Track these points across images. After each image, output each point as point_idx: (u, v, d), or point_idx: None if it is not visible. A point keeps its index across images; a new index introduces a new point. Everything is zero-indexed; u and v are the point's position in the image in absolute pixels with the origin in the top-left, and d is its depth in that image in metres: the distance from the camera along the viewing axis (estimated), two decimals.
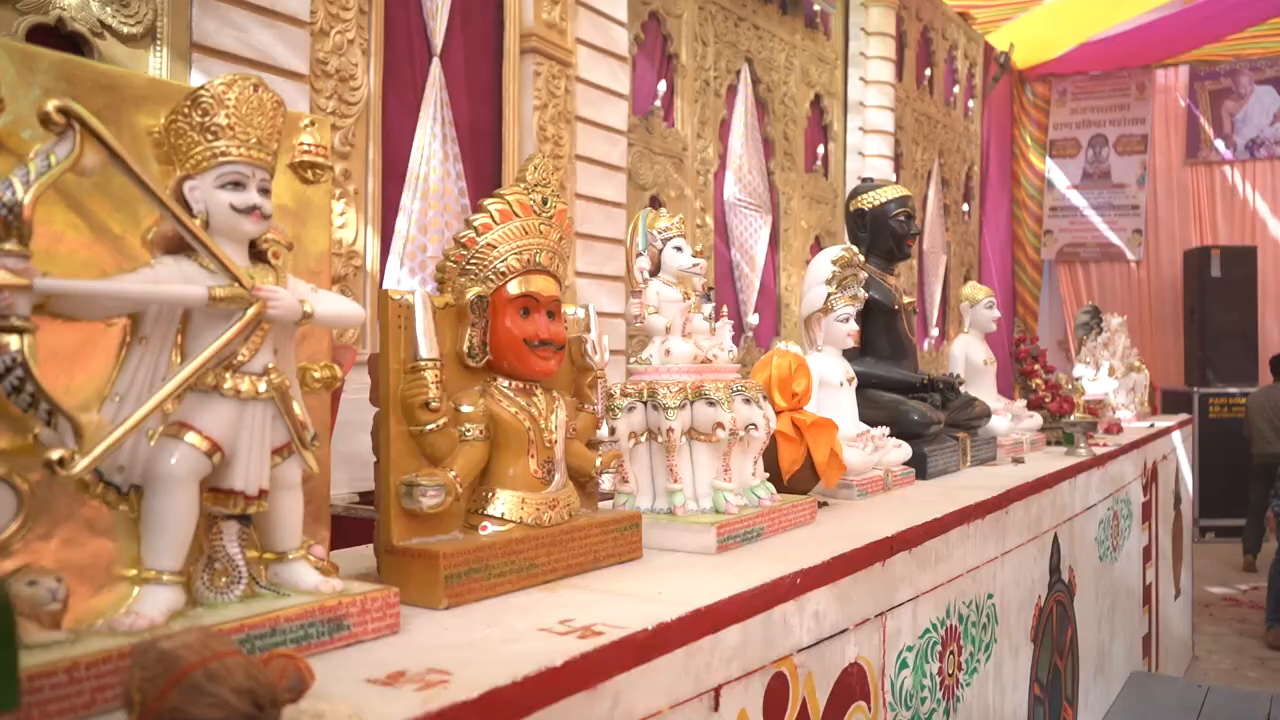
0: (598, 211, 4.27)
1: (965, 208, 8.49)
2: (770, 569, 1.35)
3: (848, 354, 2.58)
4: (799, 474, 1.86)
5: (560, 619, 1.07)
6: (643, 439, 1.57)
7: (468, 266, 1.24)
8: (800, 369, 1.89)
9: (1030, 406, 3.47)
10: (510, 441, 1.25)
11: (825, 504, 1.95)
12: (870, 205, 2.72)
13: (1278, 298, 9.05)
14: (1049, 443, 3.36)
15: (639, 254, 1.64)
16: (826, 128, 6.30)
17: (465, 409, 1.22)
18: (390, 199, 3.46)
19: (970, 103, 8.48)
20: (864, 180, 2.82)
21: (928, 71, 7.57)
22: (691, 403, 1.55)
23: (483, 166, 3.85)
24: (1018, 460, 2.83)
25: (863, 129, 6.44)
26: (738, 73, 5.41)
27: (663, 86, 4.78)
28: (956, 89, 8.12)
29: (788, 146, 5.80)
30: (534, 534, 1.23)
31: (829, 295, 2.16)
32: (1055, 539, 2.61)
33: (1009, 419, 3.02)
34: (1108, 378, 4.38)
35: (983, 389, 3.15)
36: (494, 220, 1.24)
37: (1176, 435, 4.67)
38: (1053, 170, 9.87)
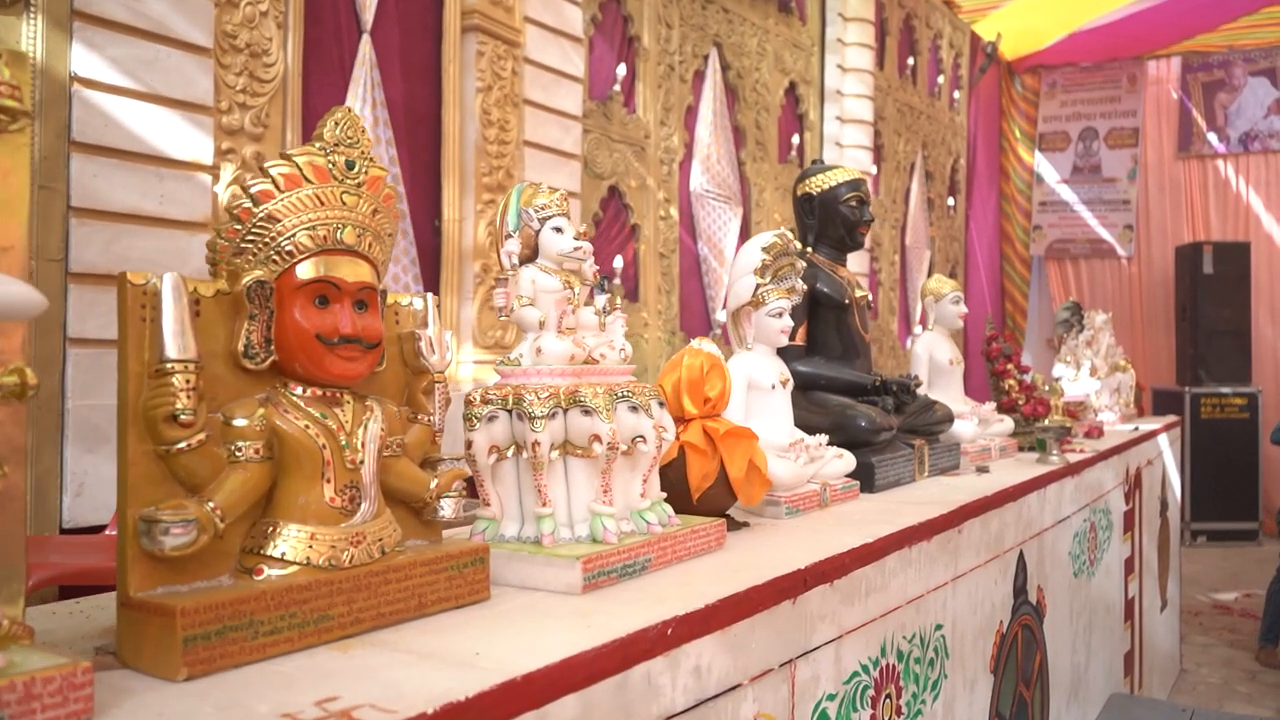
0: None
1: (951, 202, 8.25)
2: (643, 613, 1.10)
3: (791, 352, 2.34)
4: (712, 491, 1.61)
5: (321, 697, 0.83)
6: (509, 454, 1.33)
7: (244, 244, 1.00)
8: (714, 370, 1.64)
9: (1002, 409, 3.23)
10: (300, 463, 1.00)
11: (745, 525, 1.71)
12: (819, 189, 2.47)
13: (1271, 294, 8.82)
14: (1021, 448, 3.12)
15: (509, 235, 1.39)
16: (802, 117, 6.06)
17: (238, 423, 0.97)
18: None
19: (956, 94, 8.24)
20: (814, 163, 2.58)
21: (910, 61, 7.33)
22: (565, 411, 1.31)
23: (420, 152, 3.61)
24: (982, 469, 2.59)
25: (840, 118, 6.19)
26: (705, 58, 5.16)
27: (622, 70, 4.53)
28: (941, 79, 7.88)
29: (760, 136, 5.56)
30: (327, 578, 0.98)
31: (758, 287, 1.91)
32: (1021, 557, 2.37)
33: (975, 423, 2.78)
34: (1089, 378, 4.13)
35: (948, 391, 2.91)
36: (277, 187, 1.00)
37: (1163, 438, 4.43)
38: (1042, 164, 9.63)
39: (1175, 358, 8.80)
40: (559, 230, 1.42)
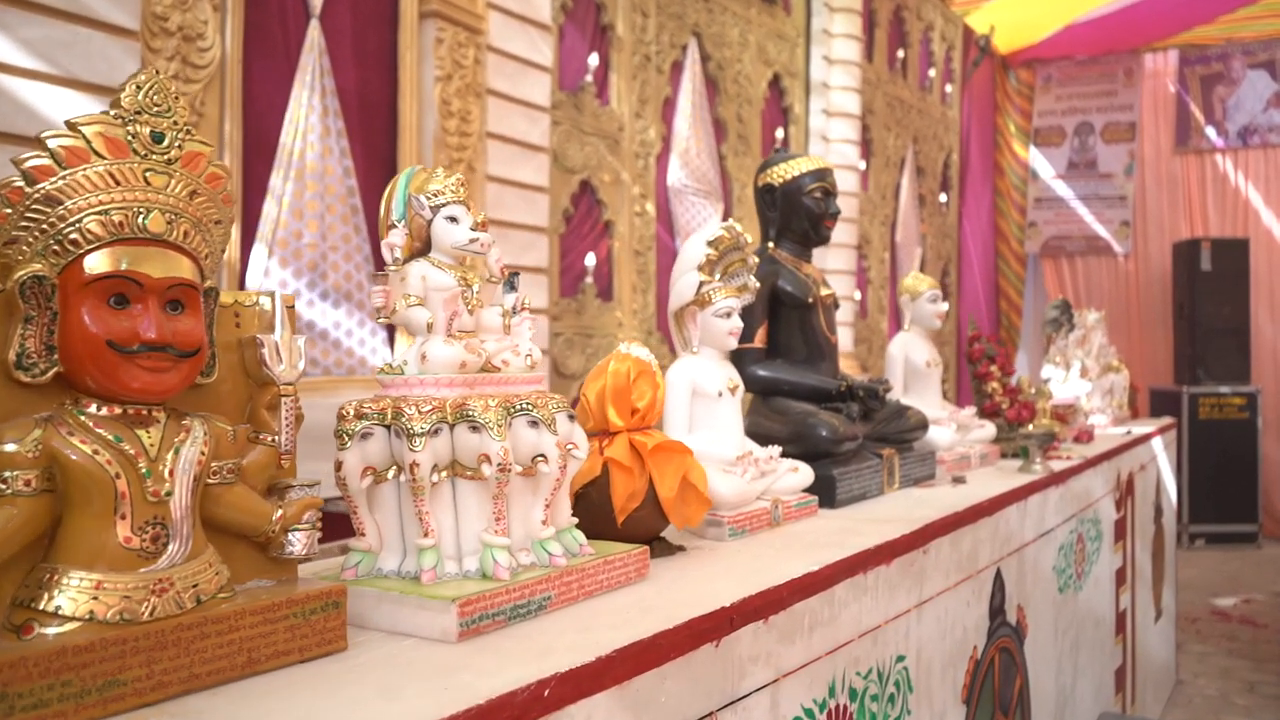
0: (514, 195, 3.86)
1: (943, 198, 8.07)
2: (521, 669, 0.93)
3: (750, 355, 2.17)
4: (640, 514, 1.44)
5: None
6: (390, 476, 1.15)
7: (16, 232, 0.83)
8: (643, 377, 1.47)
9: (984, 414, 3.05)
10: (88, 496, 0.83)
11: (680, 550, 1.53)
12: (781, 180, 2.30)
13: (1271, 291, 8.64)
14: (1005, 455, 2.95)
15: (392, 225, 1.22)
16: (787, 110, 5.88)
17: (6, 448, 0.80)
18: (255, 179, 3.04)
19: (948, 88, 8.06)
20: (776, 151, 2.41)
21: (900, 53, 7.16)
22: (452, 426, 1.14)
23: (374, 144, 3.44)
24: (959, 480, 2.41)
25: (826, 112, 6.02)
26: (684, 48, 4.98)
27: (594, 60, 4.35)
28: (933, 72, 7.70)
29: (742, 129, 5.38)
30: (118, 635, 0.81)
31: (701, 284, 1.74)
32: (998, 575, 2.19)
33: (952, 430, 2.61)
34: (1080, 379, 3.96)
35: (925, 395, 2.74)
36: (57, 162, 0.82)
37: (1157, 441, 4.25)
38: (1037, 160, 9.45)
39: (1173, 357, 8.63)
40: (453, 220, 1.24)
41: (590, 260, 4.33)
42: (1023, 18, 8.42)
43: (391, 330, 3.53)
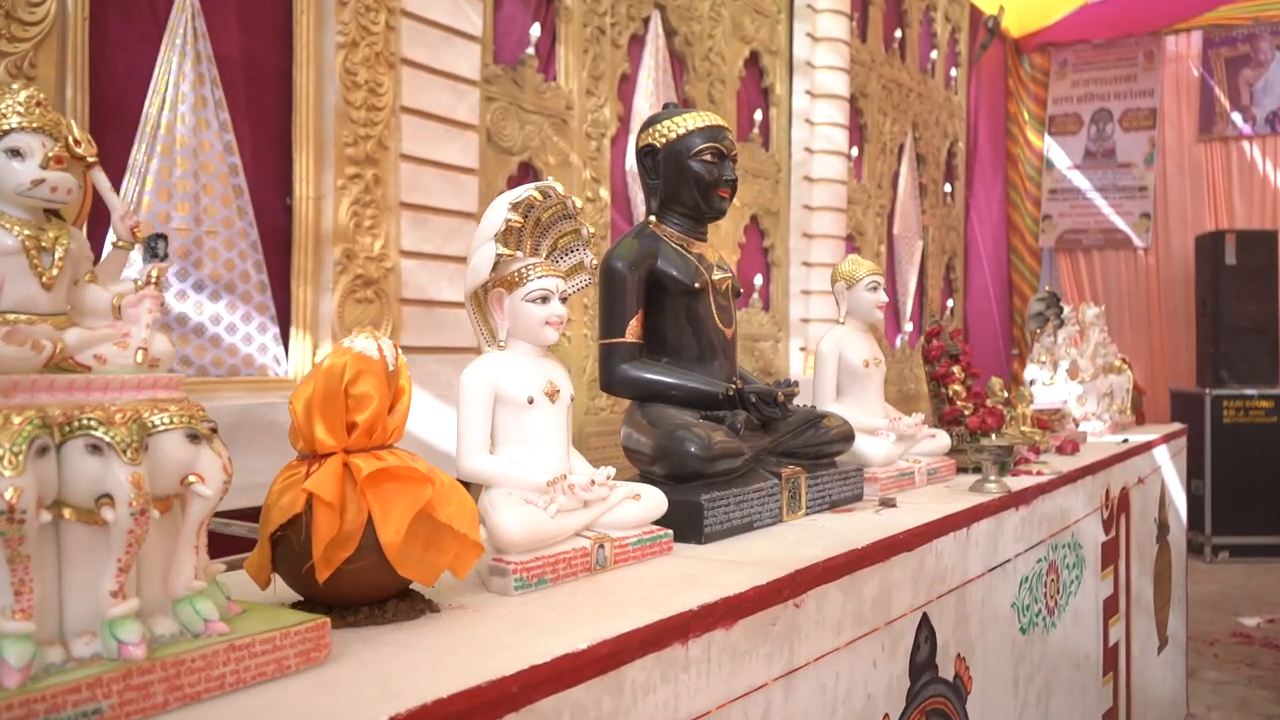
0: (435, 176, 3.48)
1: (948, 188, 7.61)
2: None
3: (623, 351, 1.79)
4: (354, 567, 1.05)
5: None
6: None
7: None
8: (365, 378, 1.08)
9: (943, 421, 2.64)
10: None
11: (430, 611, 1.14)
12: (663, 140, 1.91)
13: None
14: (964, 470, 2.53)
15: None
16: (767, 90, 5.47)
17: None
18: (110, 152, 2.67)
19: (953, 72, 7.60)
20: (665, 107, 2.02)
21: (898, 33, 6.71)
22: None
23: (264, 118, 3.08)
24: (887, 503, 2.00)
25: (811, 93, 5.59)
26: (645, 20, 4.59)
27: (537, 31, 3.97)
28: (935, 55, 7.24)
29: (714, 110, 4.97)
30: None
31: (500, 259, 1.35)
32: (925, 622, 1.78)
33: (889, 441, 2.20)
34: (1068, 381, 3.52)
35: (863, 399, 2.33)
36: None
37: (1162, 451, 3.80)
38: (1052, 149, 8.96)
39: (1195, 357, 8.11)
40: (16, 154, 0.87)
41: None
42: None
43: (285, 325, 3.17)
